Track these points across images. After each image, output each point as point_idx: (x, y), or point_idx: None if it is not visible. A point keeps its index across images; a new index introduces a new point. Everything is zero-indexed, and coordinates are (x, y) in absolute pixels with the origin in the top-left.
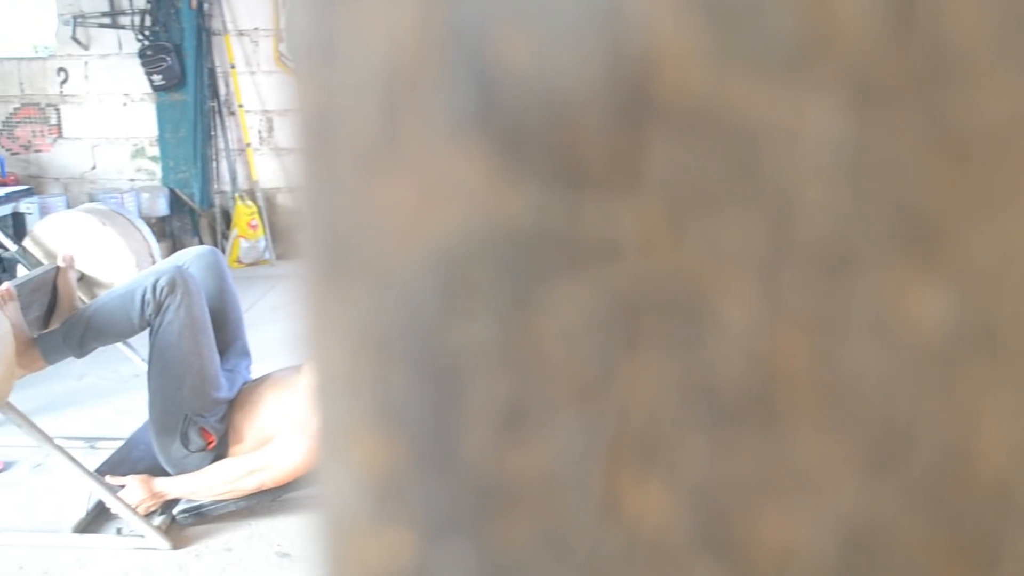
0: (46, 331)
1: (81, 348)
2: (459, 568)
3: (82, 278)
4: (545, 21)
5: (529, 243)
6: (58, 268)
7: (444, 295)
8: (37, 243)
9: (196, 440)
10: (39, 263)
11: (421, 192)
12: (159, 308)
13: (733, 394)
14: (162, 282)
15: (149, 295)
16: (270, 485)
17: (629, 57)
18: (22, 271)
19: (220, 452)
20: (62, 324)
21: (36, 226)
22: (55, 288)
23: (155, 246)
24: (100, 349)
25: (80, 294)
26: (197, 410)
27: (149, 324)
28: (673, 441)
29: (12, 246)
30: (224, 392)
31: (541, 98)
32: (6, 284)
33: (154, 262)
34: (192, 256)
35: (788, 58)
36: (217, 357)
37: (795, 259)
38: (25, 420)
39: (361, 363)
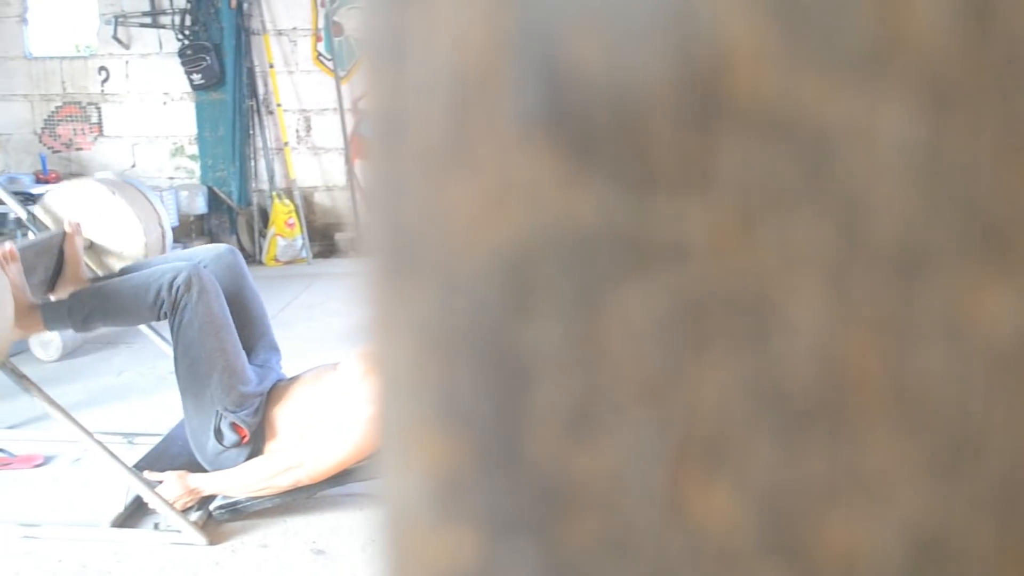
0: (53, 300)
1: (85, 324)
2: (521, 569)
3: (90, 246)
4: (616, 20)
5: (596, 243)
6: (65, 233)
7: (511, 295)
8: (47, 210)
9: (229, 435)
10: (48, 230)
11: (489, 192)
12: (175, 306)
13: (802, 397)
14: (178, 280)
15: (165, 292)
16: (306, 482)
17: (700, 57)
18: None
19: (255, 447)
20: (70, 296)
21: (46, 195)
22: (61, 253)
23: (164, 216)
24: (139, 346)
25: (88, 261)
26: (228, 405)
27: (160, 318)
28: (740, 443)
29: (22, 212)
30: (253, 386)
31: (611, 98)
32: (8, 244)
33: (163, 232)
34: (210, 255)
35: (861, 59)
36: (243, 352)
37: (866, 261)
38: (65, 414)
39: (426, 362)
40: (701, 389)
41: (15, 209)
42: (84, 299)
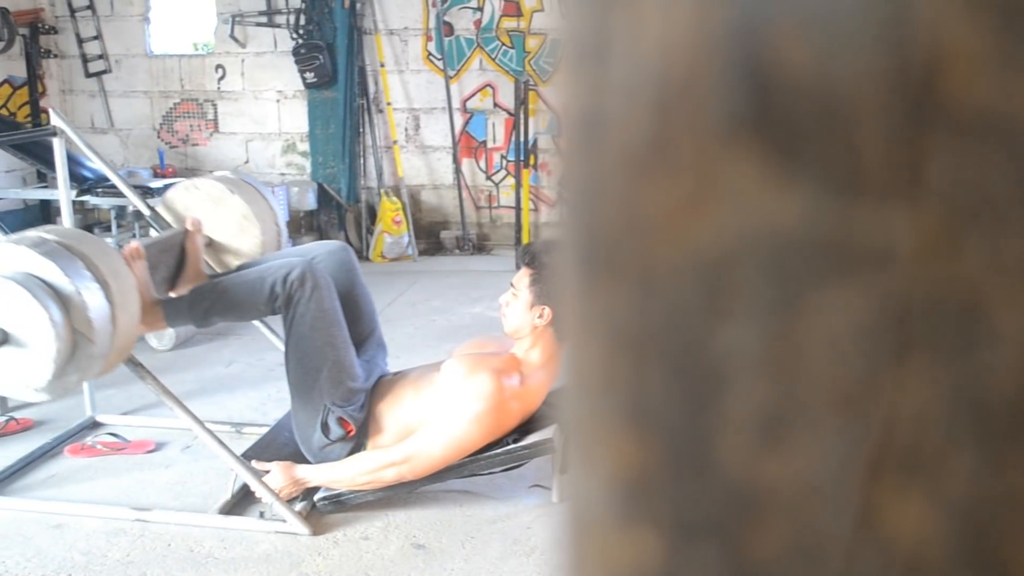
0: (173, 296)
1: (204, 320)
2: (706, 573)
3: (210, 243)
4: (826, 22)
5: (798, 248)
6: (186, 231)
7: (707, 298)
8: (169, 208)
9: (336, 429)
10: (169, 227)
11: (689, 194)
12: (289, 300)
13: (1006, 409)
14: (293, 275)
15: (279, 287)
16: (409, 478)
17: (913, 59)
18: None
19: (359, 441)
20: (190, 292)
21: (168, 192)
22: (183, 251)
23: (280, 215)
24: (248, 338)
25: (207, 258)
26: (335, 400)
27: (275, 312)
28: (939, 454)
29: (146, 210)
30: (361, 382)
31: (818, 100)
32: (135, 242)
33: (279, 231)
34: (323, 251)
35: None
36: (352, 348)
37: None
38: (177, 403)
39: (618, 363)
40: (900, 398)
41: (139, 206)
42: (203, 295)
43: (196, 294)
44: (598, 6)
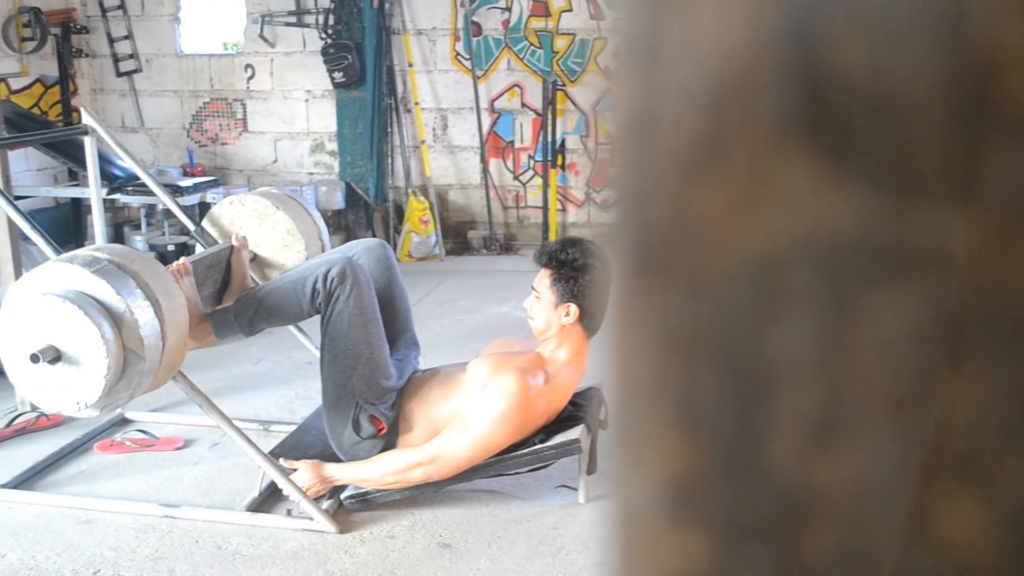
0: (219, 308)
1: (250, 327)
2: None
3: (254, 258)
4: (881, 21)
5: (851, 250)
6: (232, 247)
7: (759, 299)
8: (214, 223)
9: (367, 427)
10: (215, 243)
11: (742, 195)
12: (329, 297)
13: None
14: (333, 272)
15: (320, 284)
16: (435, 478)
17: (970, 60)
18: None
19: (390, 440)
20: (234, 303)
21: (214, 207)
22: (229, 266)
23: (324, 231)
24: (276, 336)
25: (252, 274)
26: (368, 398)
27: (318, 311)
28: (992, 459)
29: (191, 226)
30: (394, 381)
31: (873, 102)
32: (183, 259)
33: (323, 246)
34: (362, 248)
35: None
36: (387, 346)
37: None
38: (206, 400)
39: (668, 365)
40: (954, 402)
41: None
42: (246, 303)
43: (240, 304)
44: (652, 7)
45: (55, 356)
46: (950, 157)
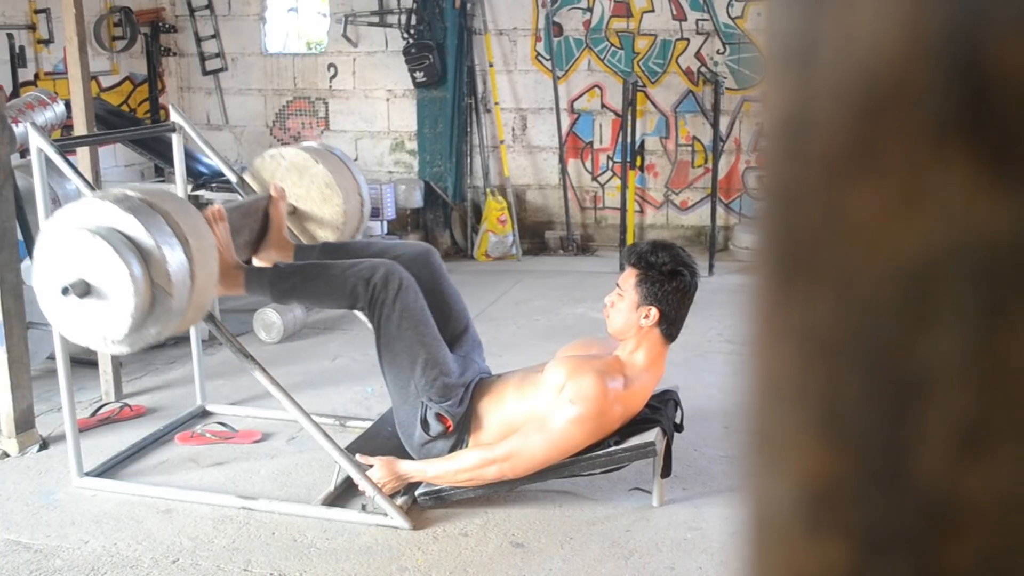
0: (257, 267)
1: (282, 299)
2: None
3: (293, 211)
4: None
5: (1008, 256)
6: (270, 198)
7: (910, 305)
8: (255, 176)
9: (435, 425)
10: (254, 194)
11: (897, 199)
12: (371, 301)
13: None
14: (376, 278)
15: (361, 288)
16: (509, 477)
17: None
18: None
19: (459, 438)
20: (274, 267)
21: (255, 160)
22: (266, 217)
23: (364, 185)
24: (354, 333)
25: (290, 225)
26: (432, 396)
27: (354, 309)
28: None
29: (233, 177)
30: (455, 377)
31: None
32: (217, 204)
33: (362, 201)
34: (409, 252)
35: None
36: (444, 345)
37: None
38: (285, 394)
39: (813, 369)
40: None
41: (227, 173)
42: (285, 276)
43: (279, 272)
44: (807, 10)
45: (85, 290)
46: None
